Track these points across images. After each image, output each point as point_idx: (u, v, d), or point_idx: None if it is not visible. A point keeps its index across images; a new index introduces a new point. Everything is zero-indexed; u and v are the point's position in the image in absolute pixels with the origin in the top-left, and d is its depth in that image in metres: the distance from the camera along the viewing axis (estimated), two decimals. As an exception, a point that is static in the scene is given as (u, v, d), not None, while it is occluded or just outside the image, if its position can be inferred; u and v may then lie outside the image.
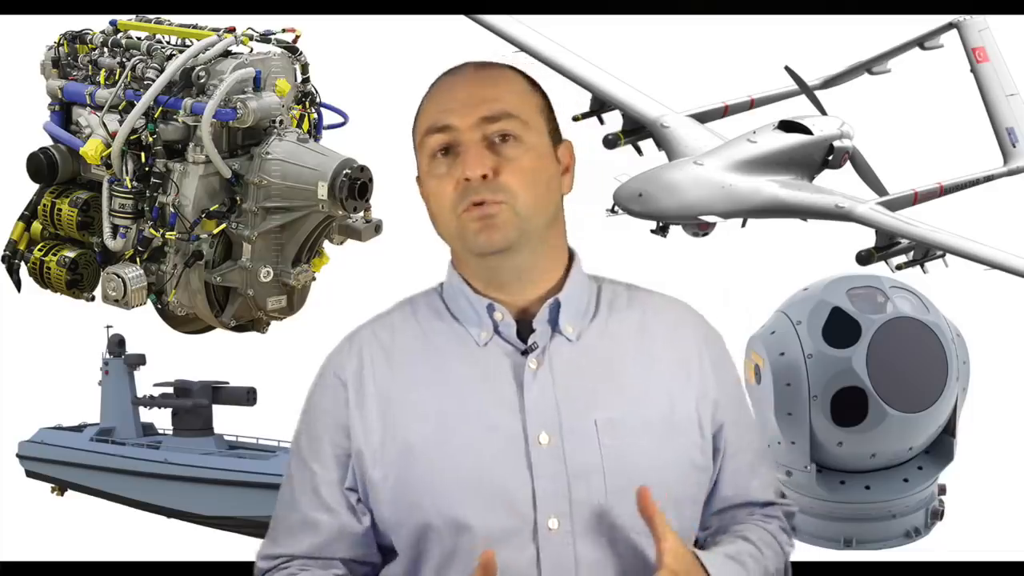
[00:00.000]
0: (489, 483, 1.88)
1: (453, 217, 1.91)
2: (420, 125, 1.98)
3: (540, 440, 1.89)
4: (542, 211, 1.92)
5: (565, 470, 1.88)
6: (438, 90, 1.98)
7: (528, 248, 1.92)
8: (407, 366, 1.97)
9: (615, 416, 1.91)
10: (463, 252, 1.96)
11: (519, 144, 1.91)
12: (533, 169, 1.91)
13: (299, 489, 2.01)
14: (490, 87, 1.94)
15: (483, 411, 1.91)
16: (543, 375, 1.92)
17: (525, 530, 1.87)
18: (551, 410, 1.90)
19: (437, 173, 1.93)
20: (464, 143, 1.90)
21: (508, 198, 1.88)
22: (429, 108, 1.97)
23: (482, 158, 1.89)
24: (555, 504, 1.87)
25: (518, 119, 1.91)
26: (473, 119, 1.91)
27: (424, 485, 1.90)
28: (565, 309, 1.95)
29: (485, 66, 2.00)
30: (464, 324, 1.97)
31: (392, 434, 1.93)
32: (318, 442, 1.99)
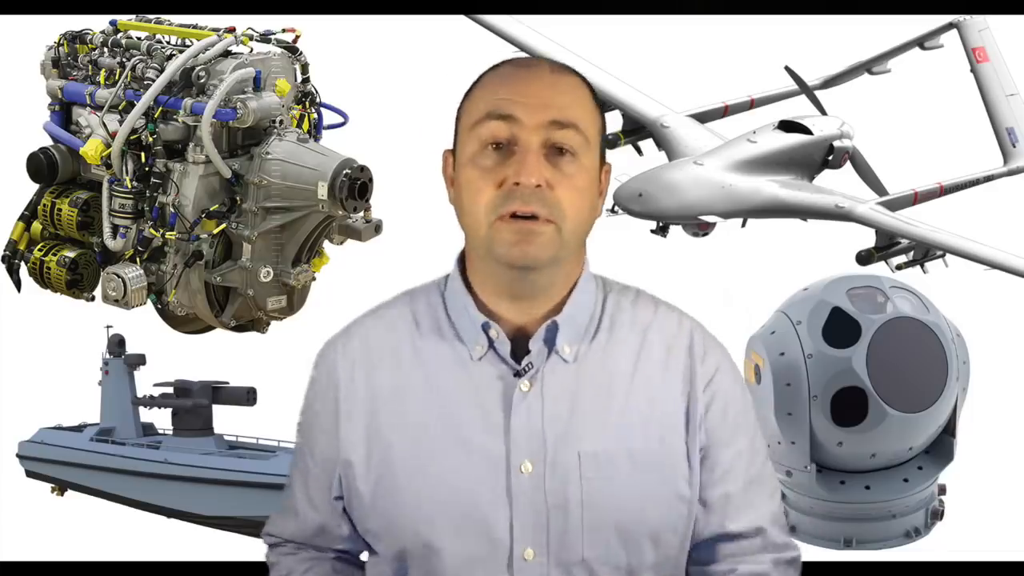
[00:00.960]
0: (466, 508, 1.85)
1: (486, 219, 1.81)
2: (477, 105, 1.85)
3: (523, 468, 1.84)
4: (581, 235, 1.86)
5: (545, 501, 1.84)
6: (507, 76, 1.86)
7: (555, 268, 1.86)
8: (397, 373, 1.92)
9: (599, 449, 1.86)
10: (485, 256, 1.86)
11: (576, 161, 1.82)
12: (584, 190, 1.83)
13: (297, 478, 2.03)
14: (565, 93, 1.85)
15: (467, 430, 1.86)
16: (533, 399, 1.86)
17: (500, 558, 1.85)
18: (536, 438, 1.85)
19: (482, 165, 1.82)
20: (524, 144, 1.80)
21: (556, 216, 1.80)
22: (494, 92, 1.84)
23: (541, 166, 1.79)
24: (532, 535, 1.84)
25: (583, 136, 1.83)
26: (542, 119, 1.80)
27: (402, 506, 1.87)
28: (564, 330, 1.89)
29: (563, 69, 1.89)
30: (460, 335, 1.90)
31: (376, 446, 1.90)
32: (312, 439, 1.99)
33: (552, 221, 1.79)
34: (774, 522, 2.00)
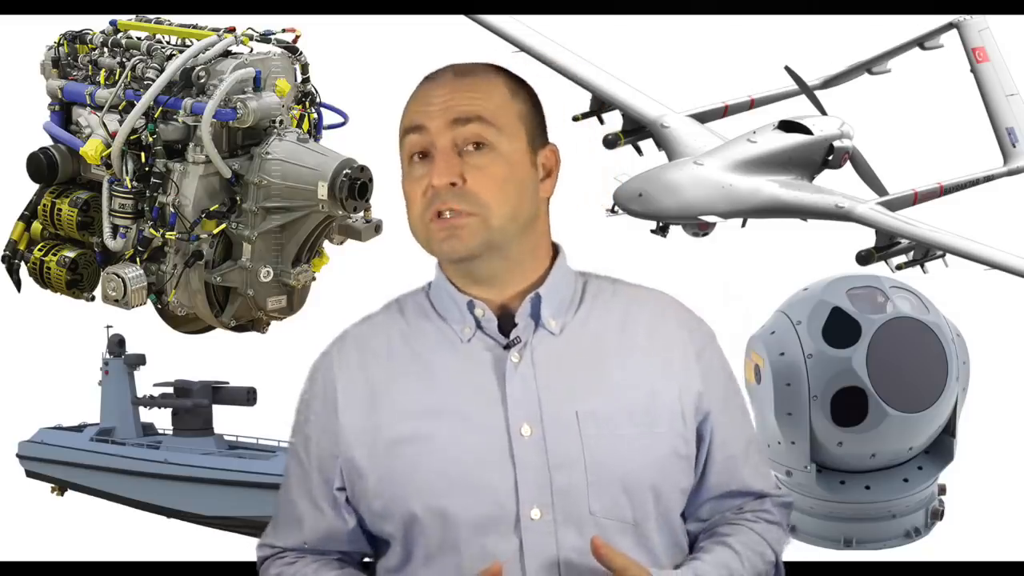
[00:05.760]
0: (472, 475, 1.91)
1: (422, 223, 1.95)
2: (401, 125, 2.00)
3: (522, 432, 1.92)
4: (512, 219, 1.94)
5: (547, 461, 1.91)
6: (419, 91, 2.00)
7: (499, 254, 1.95)
8: (393, 364, 2.00)
9: (596, 407, 1.94)
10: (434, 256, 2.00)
11: (490, 151, 1.92)
12: (504, 178, 1.92)
13: (294, 485, 2.08)
14: (467, 91, 1.95)
15: (466, 405, 1.94)
16: (524, 368, 1.94)
17: (508, 520, 1.90)
18: (532, 402, 1.93)
19: (413, 176, 1.96)
20: (436, 148, 1.92)
21: (475, 207, 1.91)
22: (409, 109, 1.99)
23: (450, 165, 1.91)
24: (537, 495, 1.90)
25: (491, 125, 1.93)
26: (444, 121, 1.92)
27: (409, 479, 1.93)
28: (547, 303, 1.98)
29: (467, 70, 2.00)
30: (448, 321, 2.00)
31: (379, 433, 1.97)
32: (309, 443, 2.05)
33: (473, 214, 1.91)
34: (771, 481, 2.16)
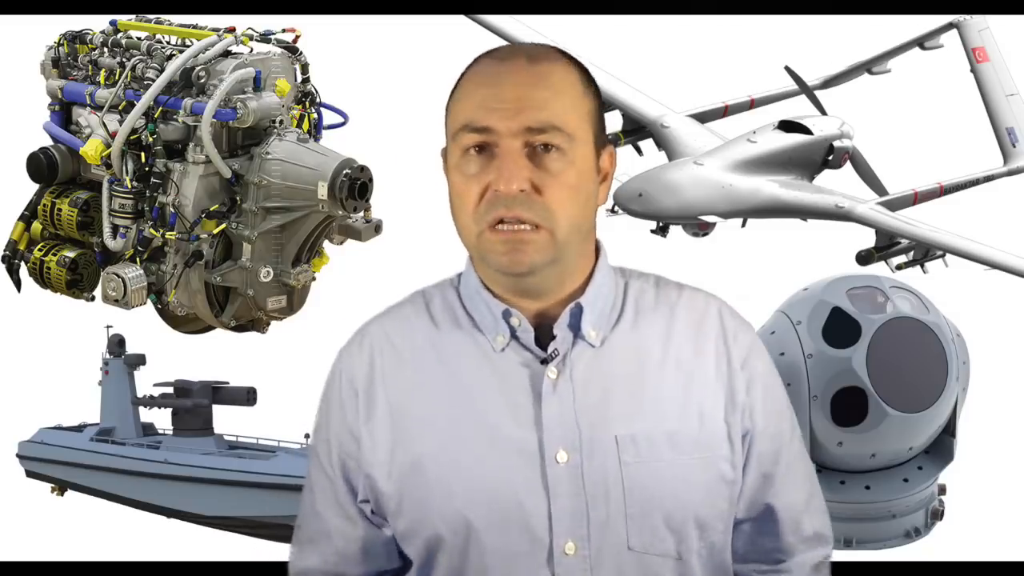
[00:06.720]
0: (502, 502, 1.76)
1: (475, 228, 1.74)
2: (456, 116, 1.77)
3: (558, 458, 1.76)
4: (576, 231, 1.76)
5: (584, 490, 1.76)
6: (482, 80, 1.77)
7: (556, 267, 1.77)
8: (419, 371, 1.84)
9: (637, 432, 1.77)
10: (481, 263, 1.81)
11: (563, 156, 1.72)
12: (575, 186, 1.73)
13: (320, 497, 1.92)
14: (541, 88, 1.73)
15: (498, 423, 1.78)
16: (563, 386, 1.78)
17: (540, 554, 1.76)
18: (571, 426, 1.77)
19: (467, 172, 1.74)
20: (503, 148, 1.72)
21: (544, 220, 1.71)
22: (470, 100, 1.76)
23: (520, 170, 1.71)
24: (572, 527, 1.75)
25: (565, 133, 1.72)
26: (517, 126, 1.71)
27: (434, 502, 1.78)
28: (588, 313, 1.81)
29: (538, 58, 1.77)
30: (480, 327, 1.82)
31: (402, 446, 1.82)
32: (334, 451, 1.89)
33: (541, 226, 1.72)
34: (808, 505, 1.97)
